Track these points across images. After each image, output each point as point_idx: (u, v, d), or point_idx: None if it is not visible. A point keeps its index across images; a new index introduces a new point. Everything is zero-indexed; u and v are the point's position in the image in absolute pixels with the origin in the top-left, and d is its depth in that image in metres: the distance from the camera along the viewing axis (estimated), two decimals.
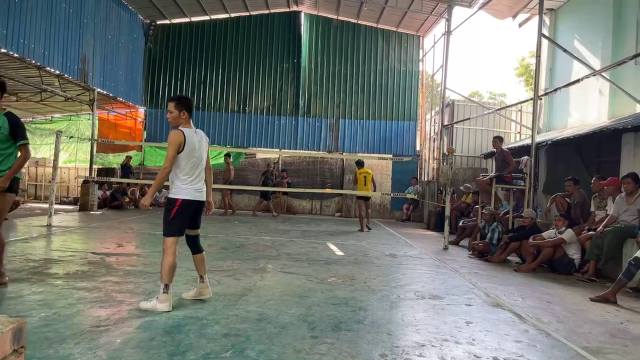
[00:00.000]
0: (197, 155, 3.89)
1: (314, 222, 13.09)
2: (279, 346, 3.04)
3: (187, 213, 3.85)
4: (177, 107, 3.88)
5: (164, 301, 3.66)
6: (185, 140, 3.79)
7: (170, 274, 3.74)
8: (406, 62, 17.00)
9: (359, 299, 4.43)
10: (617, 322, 4.18)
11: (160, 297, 3.68)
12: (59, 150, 9.65)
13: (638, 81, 8.67)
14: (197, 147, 3.90)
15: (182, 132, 3.81)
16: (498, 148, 9.11)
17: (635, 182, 6.20)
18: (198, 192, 3.92)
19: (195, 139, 3.90)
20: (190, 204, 3.85)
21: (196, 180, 3.91)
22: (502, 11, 12.74)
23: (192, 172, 3.87)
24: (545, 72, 12.25)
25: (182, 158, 3.81)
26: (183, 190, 3.82)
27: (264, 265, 5.89)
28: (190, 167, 3.85)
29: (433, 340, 3.35)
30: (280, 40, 16.96)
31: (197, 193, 3.90)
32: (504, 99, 32.72)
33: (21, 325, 1.71)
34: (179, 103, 3.90)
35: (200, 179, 3.97)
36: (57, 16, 11.10)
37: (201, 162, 3.97)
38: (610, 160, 8.63)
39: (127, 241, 7.39)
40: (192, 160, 3.85)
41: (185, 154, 3.80)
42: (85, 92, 13.58)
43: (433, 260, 7.16)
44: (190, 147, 3.82)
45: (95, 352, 2.76)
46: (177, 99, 3.94)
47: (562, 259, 6.51)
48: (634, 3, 8.95)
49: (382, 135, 16.79)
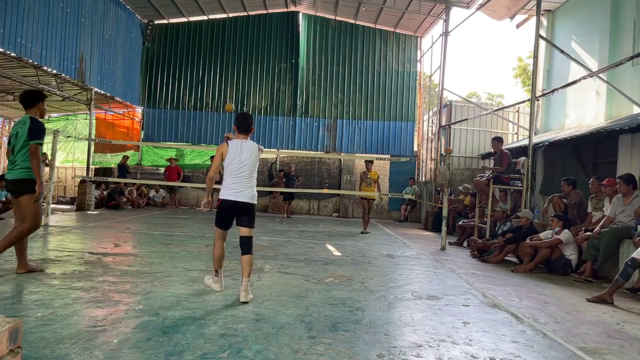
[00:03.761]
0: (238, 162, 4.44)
1: (311, 222, 13.09)
2: (276, 346, 3.04)
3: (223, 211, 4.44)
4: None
5: (216, 282, 4.46)
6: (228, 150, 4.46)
7: (216, 262, 4.45)
8: (404, 62, 17.02)
9: (356, 299, 4.43)
10: (613, 322, 4.20)
11: (214, 279, 4.47)
12: (56, 149, 9.62)
13: (635, 82, 8.70)
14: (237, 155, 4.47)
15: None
16: (498, 149, 9.07)
17: (627, 183, 6.22)
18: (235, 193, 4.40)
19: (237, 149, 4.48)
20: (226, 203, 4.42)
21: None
22: (499, 12, 12.76)
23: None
24: (543, 73, 12.29)
25: (225, 165, 4.49)
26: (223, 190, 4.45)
27: (262, 266, 5.89)
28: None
29: (430, 341, 3.35)
30: (278, 40, 16.96)
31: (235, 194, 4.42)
32: (501, 99, 32.81)
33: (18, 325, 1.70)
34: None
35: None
36: (55, 15, 11.07)
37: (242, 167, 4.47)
38: (607, 161, 8.65)
39: (124, 241, 7.37)
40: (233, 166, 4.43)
41: (227, 161, 4.45)
42: (82, 92, 13.54)
43: (430, 261, 7.17)
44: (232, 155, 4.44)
45: (92, 352, 2.75)
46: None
47: (559, 259, 6.53)
48: (631, 4, 8.98)
49: (380, 136, 16.80)
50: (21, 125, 4.64)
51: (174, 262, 5.74)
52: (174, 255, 6.30)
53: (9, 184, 4.63)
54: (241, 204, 4.35)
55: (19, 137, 4.59)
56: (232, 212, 4.38)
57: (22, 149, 4.57)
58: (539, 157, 10.52)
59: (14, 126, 4.74)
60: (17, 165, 4.58)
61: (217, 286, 4.43)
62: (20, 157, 4.58)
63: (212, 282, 4.47)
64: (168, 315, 3.55)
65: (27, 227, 4.62)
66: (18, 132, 4.62)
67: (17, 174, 4.58)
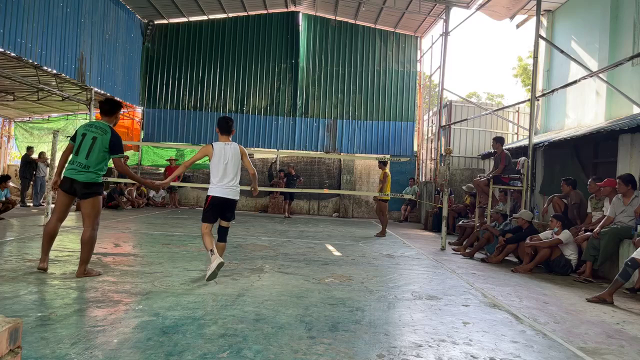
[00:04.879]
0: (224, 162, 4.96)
1: (311, 222, 13.09)
2: (276, 346, 3.04)
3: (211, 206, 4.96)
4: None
5: (214, 260, 4.63)
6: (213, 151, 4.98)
7: (208, 245, 4.79)
8: (404, 62, 17.02)
9: (356, 299, 4.43)
10: (613, 322, 4.20)
11: (211, 258, 4.69)
12: (56, 149, 9.61)
13: (635, 82, 8.70)
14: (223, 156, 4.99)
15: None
16: (499, 150, 9.06)
17: (626, 183, 6.22)
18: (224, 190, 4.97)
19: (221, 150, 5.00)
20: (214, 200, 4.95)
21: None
22: (499, 12, 12.77)
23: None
24: (543, 73, 12.29)
25: (212, 164, 4.99)
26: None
27: (261, 266, 5.89)
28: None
29: (430, 341, 3.35)
30: (278, 40, 16.96)
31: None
32: (501, 99, 32.81)
33: (17, 325, 1.70)
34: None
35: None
36: (55, 15, 11.06)
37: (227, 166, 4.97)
38: (607, 161, 8.65)
39: (124, 241, 7.37)
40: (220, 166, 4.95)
41: (213, 163, 4.96)
42: (82, 92, 13.53)
43: (430, 261, 7.17)
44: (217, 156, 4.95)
45: (92, 352, 2.75)
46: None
47: (559, 259, 6.53)
48: (631, 4, 8.98)
49: (380, 136, 16.81)
50: (100, 132, 4.72)
51: (174, 262, 5.74)
52: (174, 255, 6.30)
53: (79, 185, 4.64)
54: (228, 200, 4.95)
55: (98, 143, 4.67)
56: (219, 207, 4.95)
57: (98, 155, 4.67)
58: (539, 157, 10.52)
59: (87, 127, 4.77)
60: (90, 169, 4.66)
61: (216, 261, 4.63)
62: (94, 162, 4.67)
63: (211, 264, 4.65)
64: (168, 315, 3.55)
65: (97, 226, 4.83)
66: (96, 137, 4.68)
67: (90, 177, 4.66)
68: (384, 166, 10.46)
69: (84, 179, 4.64)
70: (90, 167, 4.66)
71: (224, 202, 4.92)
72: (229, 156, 4.94)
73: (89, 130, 4.73)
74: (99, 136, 4.70)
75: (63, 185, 4.70)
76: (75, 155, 4.70)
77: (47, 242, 4.76)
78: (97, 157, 4.68)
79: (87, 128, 4.76)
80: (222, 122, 5.12)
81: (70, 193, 4.71)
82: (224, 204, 4.95)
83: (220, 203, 4.92)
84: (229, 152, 4.96)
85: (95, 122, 4.88)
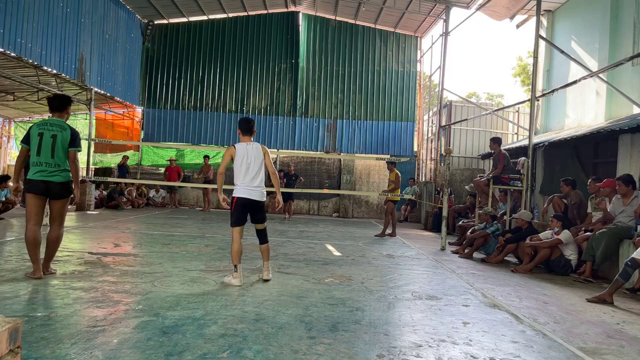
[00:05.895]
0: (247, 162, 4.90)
1: (311, 222, 13.09)
2: (276, 346, 3.04)
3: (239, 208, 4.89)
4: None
5: (236, 277, 4.71)
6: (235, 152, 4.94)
7: (235, 257, 4.75)
8: (404, 62, 17.02)
9: (356, 299, 4.43)
10: (613, 322, 4.20)
11: (234, 275, 4.72)
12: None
13: (635, 82, 8.70)
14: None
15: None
16: (496, 150, 9.07)
17: (627, 184, 6.22)
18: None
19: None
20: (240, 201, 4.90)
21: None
22: (499, 12, 12.77)
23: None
24: (543, 73, 12.29)
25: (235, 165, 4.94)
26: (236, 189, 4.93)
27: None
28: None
29: (430, 341, 3.35)
30: (278, 40, 16.96)
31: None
32: (501, 99, 32.82)
33: (17, 325, 1.70)
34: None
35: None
36: (55, 15, 11.07)
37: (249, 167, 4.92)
38: (607, 161, 8.65)
39: (124, 241, 7.37)
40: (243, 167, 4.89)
41: (236, 164, 4.90)
42: (82, 92, 13.54)
43: (430, 261, 7.17)
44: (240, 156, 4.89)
45: (92, 352, 2.75)
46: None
47: (559, 259, 6.53)
48: (631, 4, 8.98)
49: (380, 136, 16.81)
50: (58, 129, 4.60)
51: (174, 262, 5.74)
52: (174, 255, 6.29)
53: (56, 186, 4.57)
54: (253, 202, 4.89)
55: (59, 140, 4.57)
56: (246, 208, 4.88)
57: (62, 153, 4.61)
58: (539, 157, 10.52)
59: (42, 126, 4.59)
60: (61, 167, 4.60)
61: (237, 281, 4.69)
62: (62, 159, 4.61)
63: (231, 279, 4.72)
64: (168, 315, 3.55)
65: (62, 227, 4.83)
66: (55, 134, 4.56)
67: (66, 176, 4.65)
68: (393, 167, 10.37)
69: (61, 179, 4.60)
70: (61, 165, 4.59)
71: (250, 203, 4.87)
72: (251, 156, 4.90)
73: (45, 129, 4.55)
74: (58, 133, 4.58)
75: (34, 188, 4.51)
76: (37, 156, 4.51)
77: (33, 250, 4.51)
78: (63, 155, 4.61)
79: (42, 127, 4.57)
80: (243, 123, 5.06)
81: (43, 195, 4.58)
82: (251, 206, 4.90)
83: (247, 204, 4.87)
84: (251, 152, 4.92)
85: (49, 120, 4.69)
